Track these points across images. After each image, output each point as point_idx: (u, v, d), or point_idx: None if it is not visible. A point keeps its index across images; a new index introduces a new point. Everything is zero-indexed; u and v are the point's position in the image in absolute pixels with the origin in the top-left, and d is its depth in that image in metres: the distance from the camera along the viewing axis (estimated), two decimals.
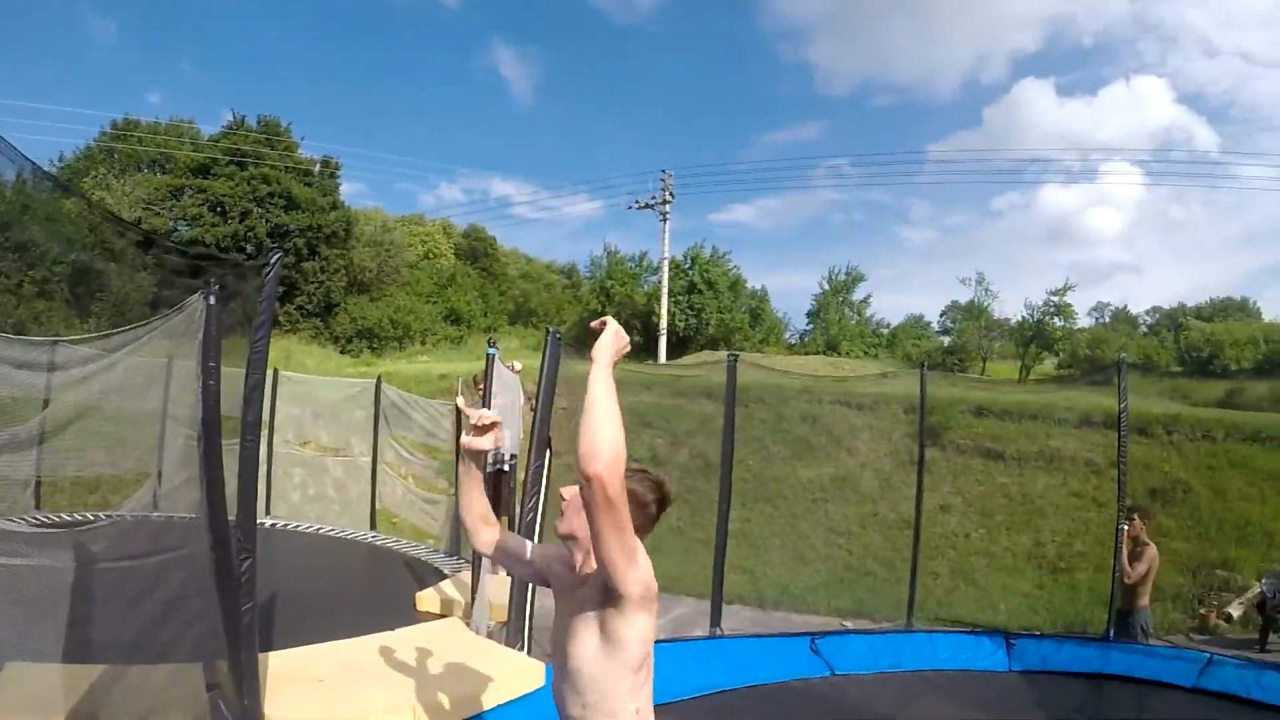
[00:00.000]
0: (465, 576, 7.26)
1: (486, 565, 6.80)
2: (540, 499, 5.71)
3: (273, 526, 10.85)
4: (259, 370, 3.77)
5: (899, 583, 9.51)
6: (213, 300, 4.03)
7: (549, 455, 5.82)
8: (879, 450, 15.34)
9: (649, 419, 16.22)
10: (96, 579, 4.45)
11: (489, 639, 5.79)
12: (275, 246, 30.98)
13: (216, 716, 3.64)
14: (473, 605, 6.45)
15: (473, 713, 4.15)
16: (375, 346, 32.60)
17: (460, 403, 9.27)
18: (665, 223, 34.45)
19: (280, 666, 4.30)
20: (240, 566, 3.61)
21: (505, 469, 7.77)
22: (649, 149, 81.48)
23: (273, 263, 3.84)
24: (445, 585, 7.49)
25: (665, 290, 33.85)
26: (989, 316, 38.63)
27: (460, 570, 8.19)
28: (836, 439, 15.50)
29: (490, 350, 7.00)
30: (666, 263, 34.46)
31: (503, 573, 7.03)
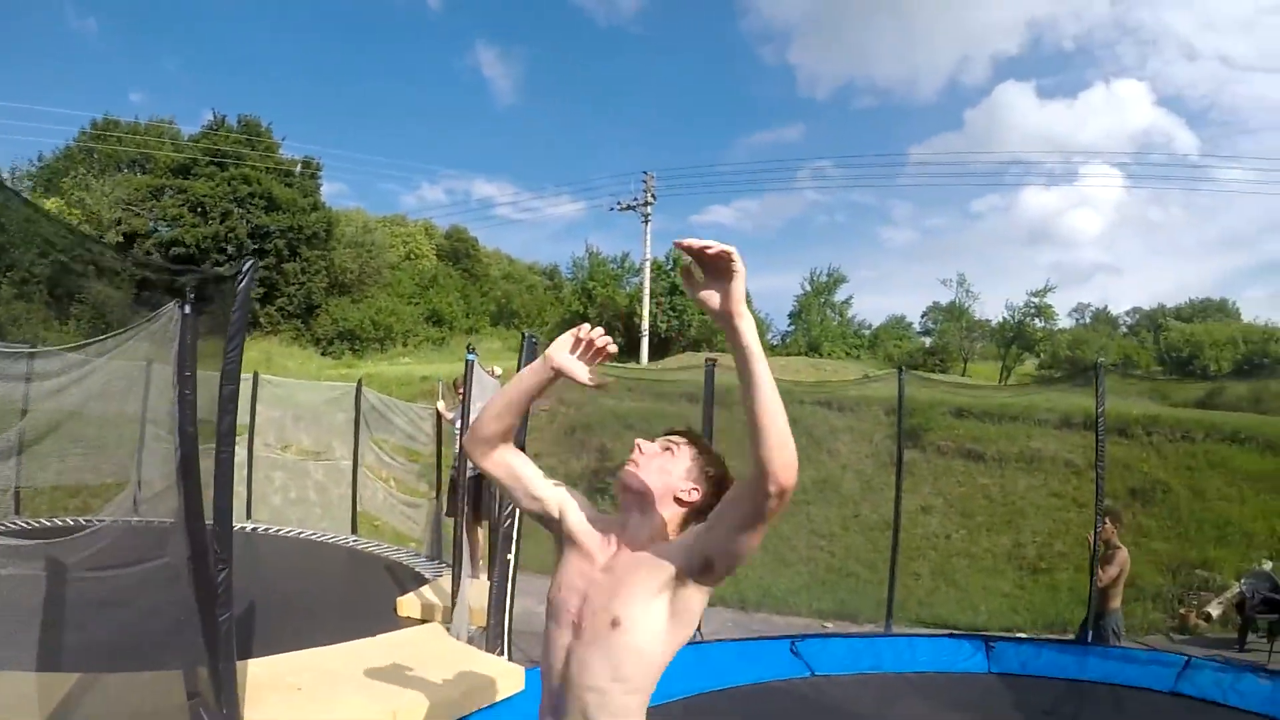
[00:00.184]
0: (446, 581, 7.26)
1: (467, 570, 6.81)
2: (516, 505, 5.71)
3: (254, 531, 10.81)
4: (233, 381, 3.76)
5: (880, 584, 9.56)
6: (187, 309, 4.01)
7: None
8: (860, 452, 15.39)
9: (631, 421, 16.17)
10: (75, 586, 4.44)
11: (469, 644, 5.80)
12: (256, 248, 31.01)
13: None
14: (453, 610, 6.45)
15: (453, 717, 4.17)
16: (357, 348, 32.45)
17: (441, 406, 9.28)
18: (647, 224, 34.45)
19: (260, 674, 4.30)
20: (217, 576, 3.60)
21: None
22: (631, 150, 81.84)
23: (245, 270, 3.76)
24: (426, 590, 7.49)
25: (647, 292, 33.80)
26: (970, 317, 38.94)
27: (441, 575, 8.18)
28: (817, 441, 15.50)
29: (469, 356, 7.00)
30: (648, 264, 34.45)
31: (483, 577, 7.05)
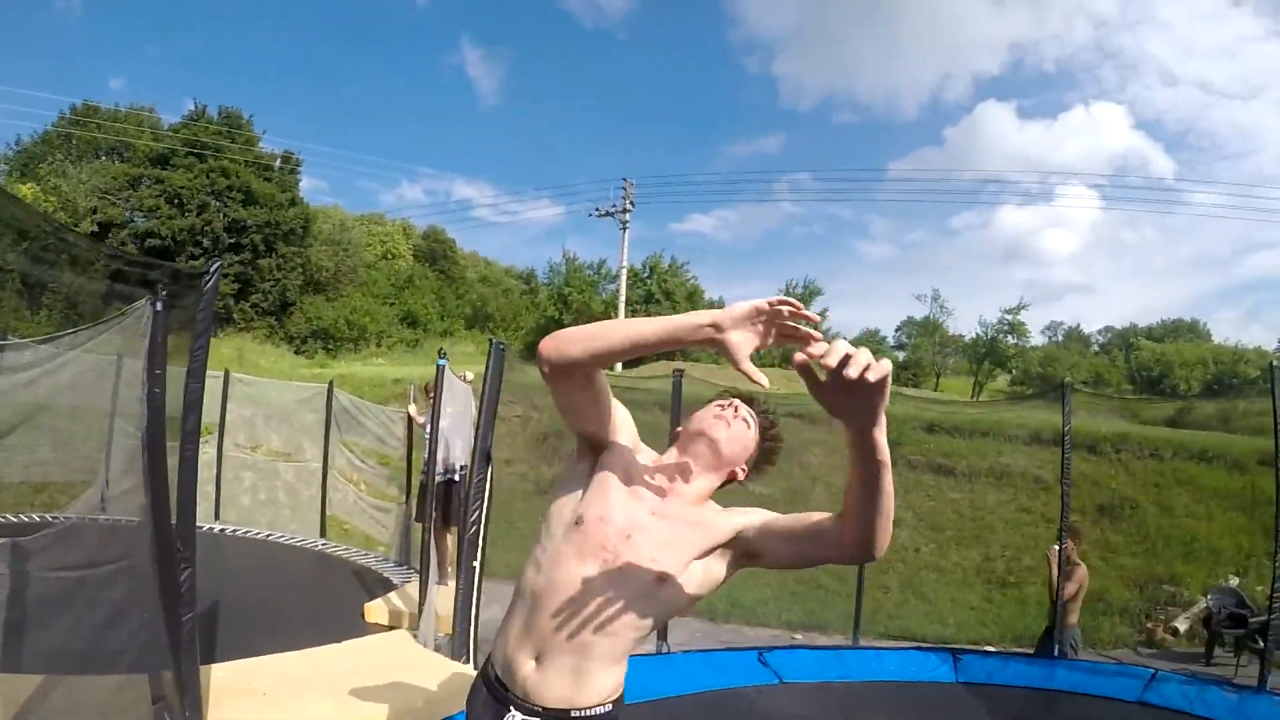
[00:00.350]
0: (414, 587, 7.22)
1: (434, 576, 6.78)
2: (483, 511, 5.71)
3: (221, 532, 10.71)
4: (198, 380, 3.76)
5: (849, 596, 9.60)
6: (159, 306, 3.97)
7: (490, 468, 5.82)
8: (831, 464, 15.41)
9: None
10: (39, 585, 4.37)
11: (436, 651, 5.77)
12: (232, 242, 30.75)
13: None
14: (420, 617, 6.42)
15: None
16: (330, 348, 32.15)
17: (412, 410, 9.23)
18: (625, 231, 34.53)
19: (224, 679, 4.26)
20: (180, 576, 3.57)
21: (456, 479, 7.73)
22: (612, 156, 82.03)
23: (212, 271, 3.82)
24: (393, 596, 7.44)
25: (623, 299, 33.86)
26: (944, 333, 39.28)
27: (409, 580, 8.14)
28: (788, 452, 15.47)
29: (440, 361, 6.98)
30: (625, 271, 34.50)
31: (451, 583, 7.01)
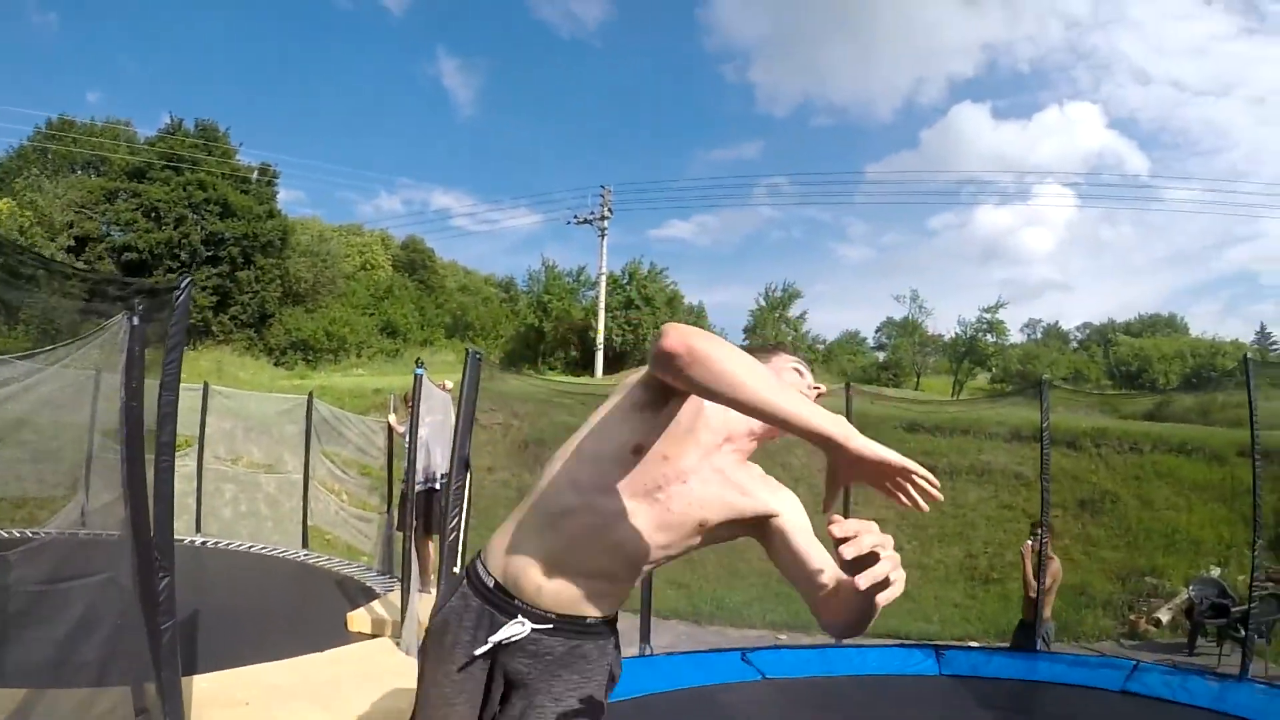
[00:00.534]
0: (396, 596, 7.22)
1: (416, 584, 6.79)
2: (462, 517, 5.74)
3: (203, 545, 10.65)
4: (171, 392, 3.79)
5: None
6: (136, 321, 3.99)
7: (469, 474, 5.85)
8: (813, 465, 15.45)
9: None
10: (21, 599, 4.37)
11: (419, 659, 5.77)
12: (210, 254, 30.57)
13: None
14: (403, 625, 6.42)
15: None
16: (310, 359, 31.90)
17: (392, 420, 9.23)
18: (603, 238, 34.58)
19: (207, 689, 4.27)
20: (159, 585, 3.59)
21: (436, 487, 7.74)
22: (590, 164, 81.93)
23: (183, 286, 3.87)
24: (376, 605, 7.44)
25: (602, 305, 33.85)
26: (923, 333, 39.45)
27: (392, 589, 8.12)
28: (770, 454, 15.45)
29: (418, 371, 6.99)
30: (604, 278, 34.52)
31: (433, 591, 7.02)
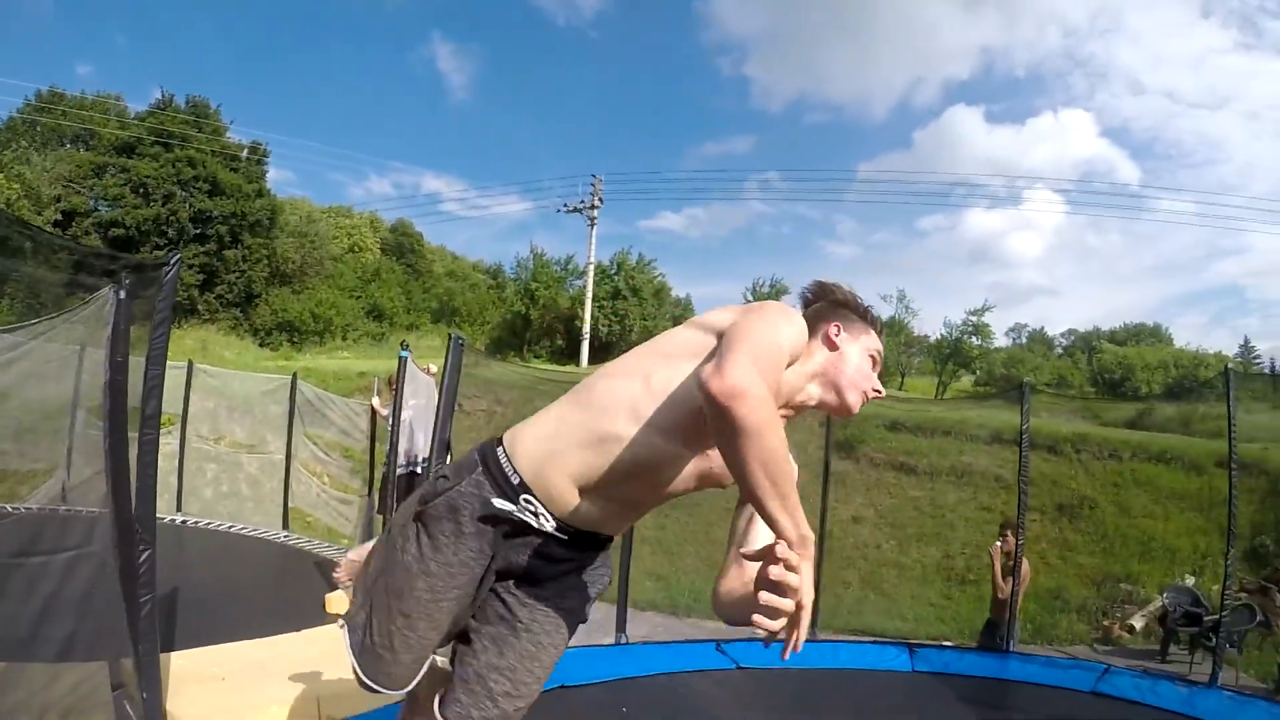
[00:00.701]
0: None
1: None
2: None
3: (183, 524, 10.62)
4: (158, 367, 3.80)
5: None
6: (122, 294, 3.99)
7: (449, 457, 5.89)
8: (795, 461, 15.58)
9: None
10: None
11: None
12: (198, 232, 30.38)
13: (119, 713, 3.62)
14: None
15: (377, 708, 4.17)
16: (295, 340, 31.82)
17: (376, 403, 9.24)
18: (593, 227, 34.53)
19: (183, 666, 4.29)
20: (139, 557, 3.60)
21: (418, 471, 7.75)
22: (582, 152, 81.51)
23: (172, 262, 3.91)
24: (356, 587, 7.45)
25: (590, 295, 33.81)
26: (909, 333, 39.53)
27: None
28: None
29: (403, 353, 7.00)
30: (592, 267, 34.47)
31: None
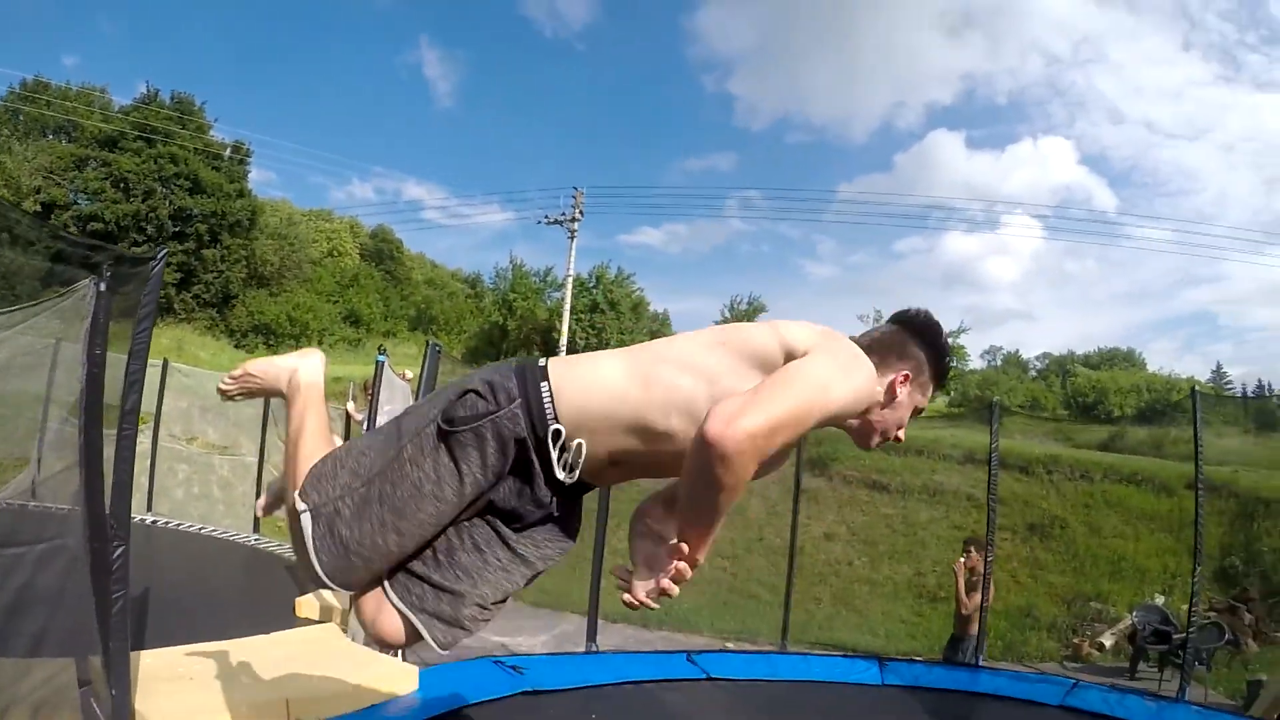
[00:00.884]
0: None
1: None
2: None
3: (154, 524, 10.54)
4: (140, 361, 3.82)
5: (781, 606, 9.76)
6: (103, 286, 3.98)
7: None
8: (767, 478, 15.59)
9: None
10: None
11: (365, 645, 5.78)
12: (177, 230, 30.18)
13: (86, 711, 3.60)
14: (350, 612, 6.40)
15: (345, 711, 4.18)
16: (271, 343, 31.58)
17: (351, 408, 9.21)
18: (573, 240, 34.46)
19: (152, 665, 4.27)
20: (113, 554, 3.58)
21: None
22: (564, 165, 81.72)
23: (159, 257, 3.95)
24: (324, 592, 7.41)
25: (568, 307, 33.71)
26: None
27: None
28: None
29: (380, 358, 6.99)
30: (571, 280, 34.43)
31: None
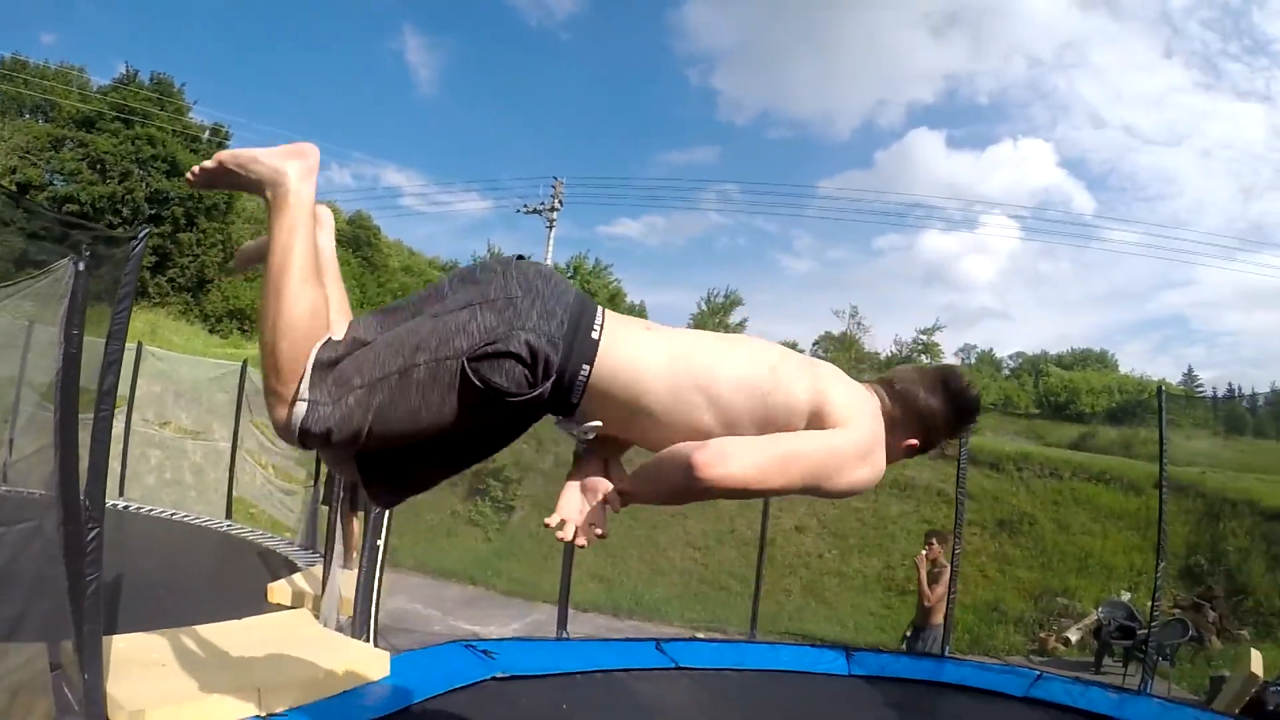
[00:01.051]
0: (319, 570, 7.24)
1: (339, 559, 6.81)
2: None
3: (125, 509, 10.49)
4: (119, 341, 3.84)
5: (751, 597, 9.89)
6: (82, 266, 3.99)
7: None
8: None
9: None
10: None
11: (338, 631, 5.82)
12: (153, 213, 29.85)
13: (58, 695, 3.62)
14: (323, 598, 6.45)
15: (318, 697, 4.22)
16: (246, 329, 31.32)
17: None
18: (551, 229, 34.42)
19: (124, 650, 4.28)
20: (87, 535, 3.61)
21: None
22: (545, 154, 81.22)
23: (140, 236, 3.96)
24: (297, 578, 7.45)
25: None
26: (860, 348, 39.94)
27: (314, 563, 8.13)
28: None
29: None
30: None
31: (355, 567, 7.07)
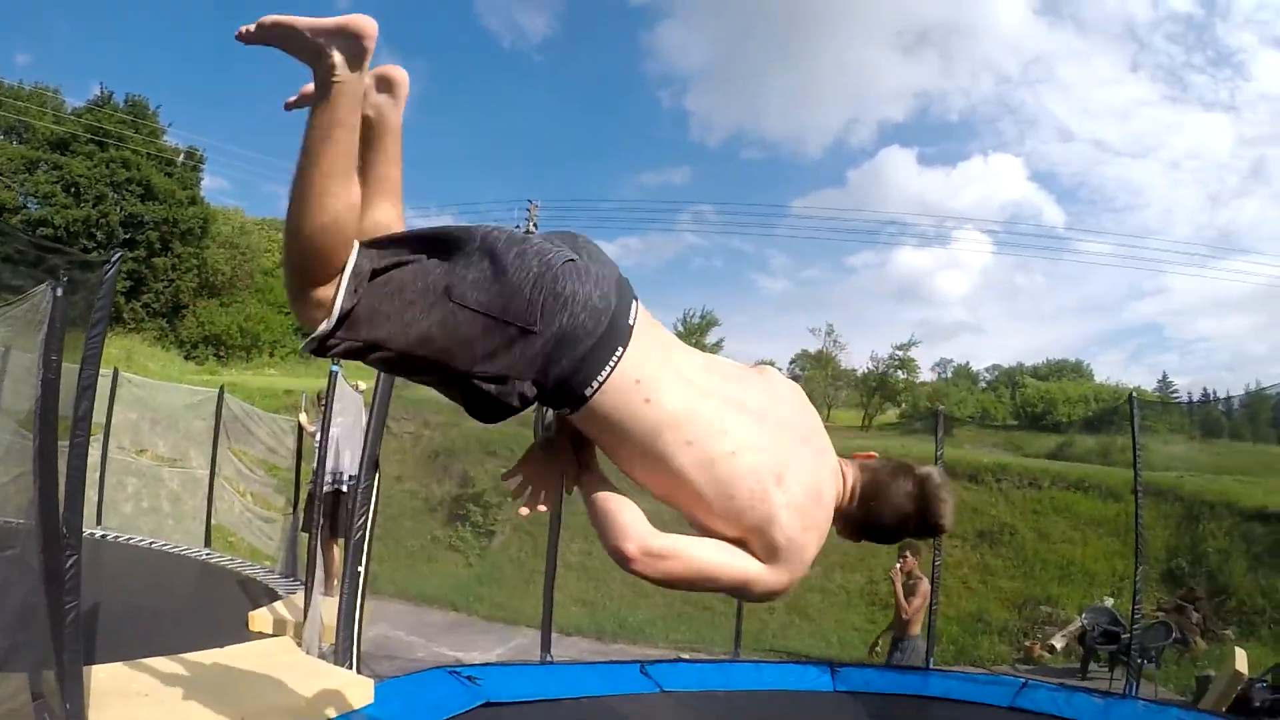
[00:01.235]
0: (299, 598, 7.19)
1: (320, 587, 6.78)
2: (369, 518, 5.79)
3: (103, 538, 10.38)
4: (93, 367, 3.86)
5: (735, 616, 9.91)
6: (59, 292, 3.99)
7: (377, 475, 5.91)
8: None
9: (494, 448, 16.09)
10: None
11: (321, 659, 5.79)
12: (127, 237, 29.57)
13: None
14: (305, 626, 6.42)
15: None
16: (222, 355, 31.10)
17: (303, 419, 9.17)
18: None
19: (104, 679, 4.26)
20: (66, 563, 3.59)
21: (344, 489, 7.66)
22: (519, 176, 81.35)
23: (113, 260, 3.99)
24: (279, 605, 7.40)
25: None
26: (836, 366, 39.99)
27: (295, 591, 8.07)
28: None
29: (333, 369, 7.00)
30: None
31: (336, 594, 7.04)
